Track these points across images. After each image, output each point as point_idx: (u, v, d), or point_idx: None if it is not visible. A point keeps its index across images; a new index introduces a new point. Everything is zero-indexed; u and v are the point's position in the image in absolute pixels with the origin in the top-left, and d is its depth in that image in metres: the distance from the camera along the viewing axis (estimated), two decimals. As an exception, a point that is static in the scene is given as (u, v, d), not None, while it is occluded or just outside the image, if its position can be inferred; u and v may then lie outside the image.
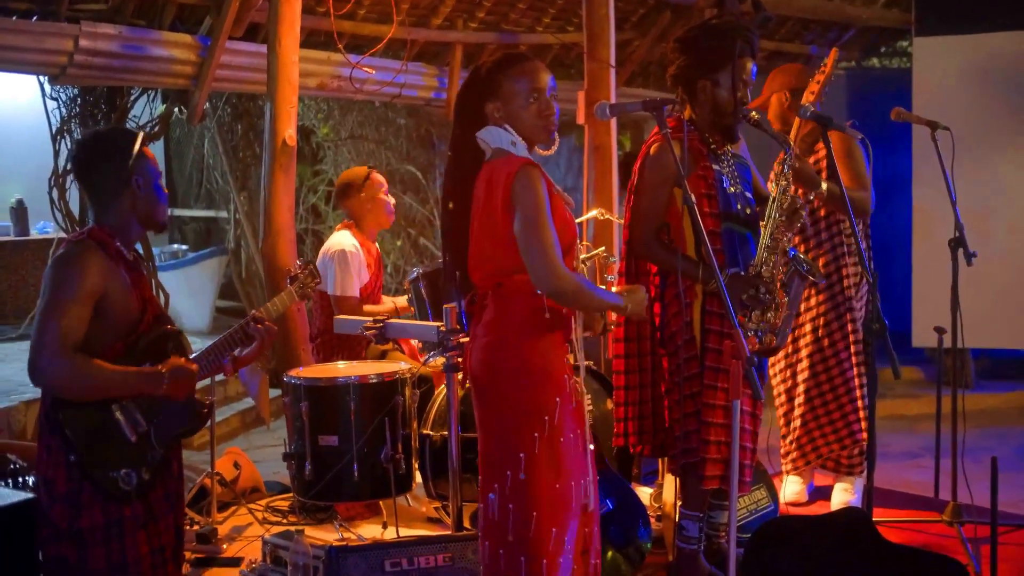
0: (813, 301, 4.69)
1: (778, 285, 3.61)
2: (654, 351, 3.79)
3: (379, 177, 5.12)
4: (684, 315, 3.65)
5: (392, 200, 5.16)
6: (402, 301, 5.11)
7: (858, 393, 4.64)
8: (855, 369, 4.64)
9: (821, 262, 4.64)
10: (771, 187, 3.79)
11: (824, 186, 4.33)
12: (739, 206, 3.69)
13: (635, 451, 3.93)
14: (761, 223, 3.72)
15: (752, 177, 3.86)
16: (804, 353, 4.73)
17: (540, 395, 2.88)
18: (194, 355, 3.23)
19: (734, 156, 3.78)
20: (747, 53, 3.67)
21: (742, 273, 3.61)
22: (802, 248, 4.67)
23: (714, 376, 3.62)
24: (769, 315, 3.61)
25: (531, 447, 2.86)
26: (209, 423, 4.76)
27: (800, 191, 4.52)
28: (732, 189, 3.69)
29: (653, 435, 3.84)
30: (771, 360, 4.81)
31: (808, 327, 4.71)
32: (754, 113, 3.63)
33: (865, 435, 4.59)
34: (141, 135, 3.12)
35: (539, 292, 2.86)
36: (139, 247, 6.69)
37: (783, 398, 4.84)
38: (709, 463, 3.63)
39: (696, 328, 3.64)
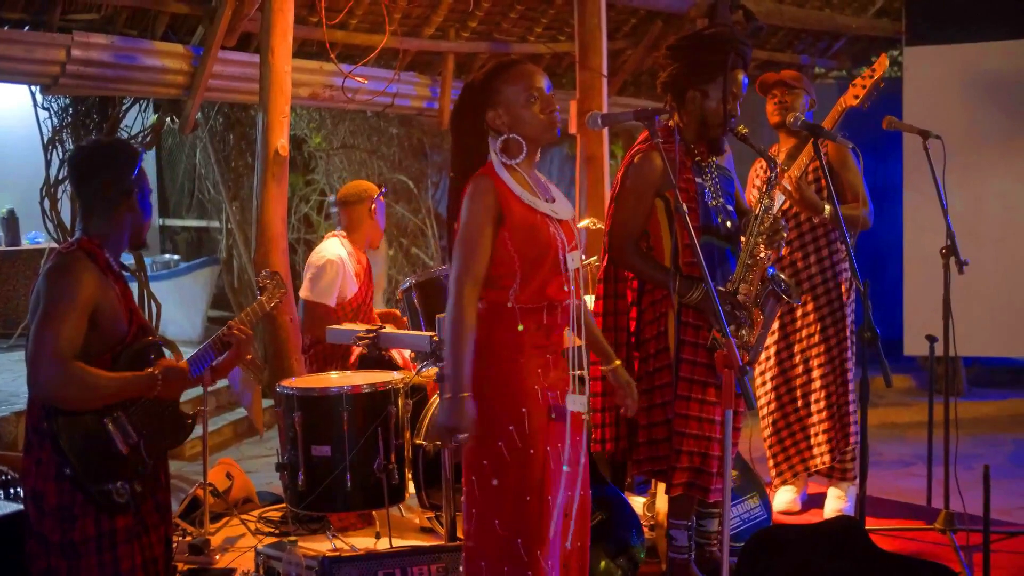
0: (810, 307, 4.70)
1: (754, 302, 3.61)
2: (629, 357, 3.79)
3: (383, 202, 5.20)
4: (659, 324, 3.65)
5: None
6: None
7: (851, 398, 4.66)
8: (850, 374, 4.66)
9: (815, 269, 4.66)
10: (753, 203, 3.80)
11: (827, 210, 4.36)
12: (719, 219, 3.69)
13: (615, 458, 3.92)
14: (742, 238, 3.72)
15: (735, 190, 3.86)
16: (799, 359, 4.74)
17: (505, 405, 2.87)
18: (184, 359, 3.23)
19: (718, 168, 3.77)
20: (739, 65, 3.65)
21: (719, 288, 3.61)
22: (799, 255, 4.68)
23: (688, 387, 3.62)
24: (743, 332, 3.61)
25: (494, 456, 2.86)
26: (201, 433, 4.75)
27: (800, 213, 4.55)
28: (713, 203, 3.68)
29: (628, 440, 3.84)
30: (764, 367, 4.82)
31: (804, 332, 4.73)
32: (742, 127, 3.63)
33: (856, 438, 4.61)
34: (141, 152, 3.15)
35: (510, 305, 2.87)
36: (131, 258, 6.72)
37: (773, 406, 4.84)
38: (677, 472, 3.63)
39: (671, 338, 3.64)
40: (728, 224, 3.71)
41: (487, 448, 2.87)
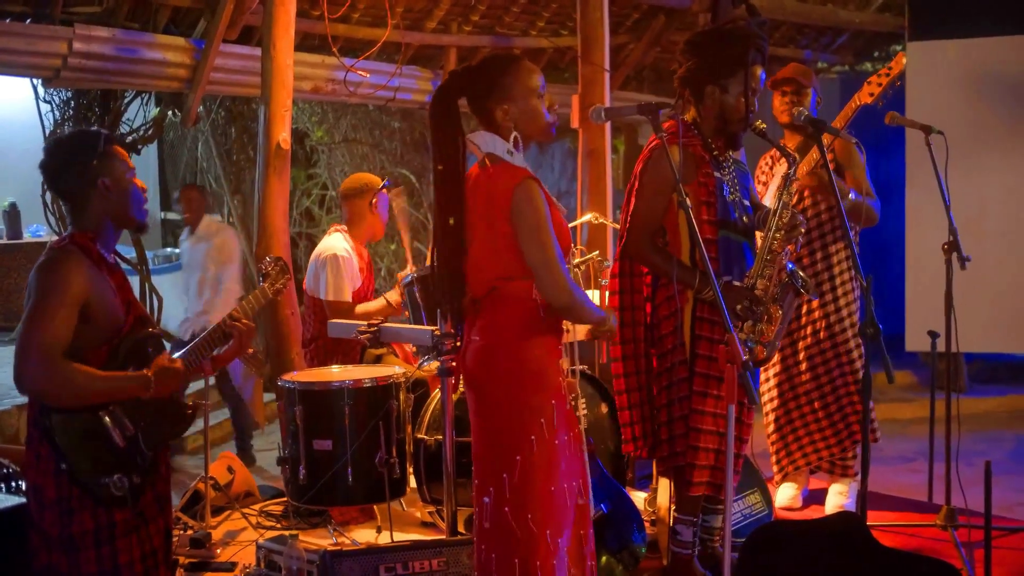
0: (815, 304, 4.69)
1: (771, 298, 3.61)
2: (647, 352, 3.78)
3: (388, 196, 5.14)
4: (675, 319, 3.64)
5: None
6: (393, 295, 5.09)
7: (854, 389, 4.66)
8: (856, 373, 4.66)
9: (820, 266, 4.66)
10: (771, 199, 3.80)
11: (852, 196, 4.36)
12: (737, 214, 3.68)
13: (643, 456, 3.90)
14: (759, 233, 3.72)
15: (750, 184, 3.86)
16: (803, 355, 4.74)
17: (536, 398, 2.91)
18: (175, 356, 3.21)
19: (735, 163, 3.77)
20: (758, 60, 3.65)
21: (736, 283, 3.61)
22: (804, 251, 4.67)
23: (704, 383, 3.62)
24: (760, 327, 3.61)
25: (527, 450, 2.89)
26: (203, 427, 4.75)
27: (808, 209, 4.55)
28: (731, 197, 3.68)
29: (651, 436, 3.83)
30: (766, 364, 4.82)
31: (809, 330, 4.72)
32: (760, 122, 3.63)
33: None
34: (104, 135, 3.07)
35: (534, 298, 2.91)
36: (132, 251, 6.72)
37: (776, 402, 4.84)
38: (697, 469, 3.63)
39: (686, 333, 3.64)
40: (745, 219, 3.71)
41: (520, 443, 2.90)
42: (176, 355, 3.19)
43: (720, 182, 3.65)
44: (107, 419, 2.96)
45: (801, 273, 3.70)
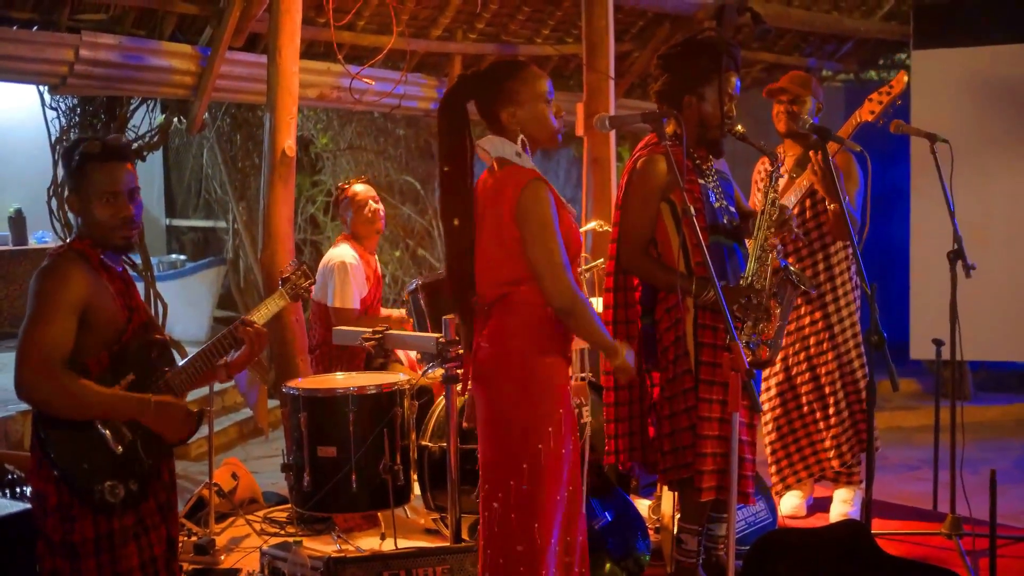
0: (818, 315, 4.69)
1: (769, 294, 3.62)
2: (641, 367, 3.78)
3: (355, 189, 5.08)
4: (676, 330, 3.64)
5: (375, 207, 5.07)
6: (398, 313, 5.10)
7: (854, 399, 4.66)
8: (857, 383, 4.66)
9: (823, 276, 4.65)
10: (757, 198, 3.81)
11: (842, 200, 4.36)
12: (725, 219, 3.70)
13: (624, 468, 3.92)
14: (749, 241, 3.73)
15: (734, 192, 3.88)
16: (806, 366, 4.73)
17: (544, 407, 2.92)
18: (182, 362, 3.20)
19: (716, 172, 3.79)
20: (731, 67, 3.69)
21: (731, 285, 3.62)
22: (808, 262, 4.67)
23: (708, 389, 3.62)
24: (761, 326, 3.61)
25: (535, 458, 2.90)
26: (207, 433, 4.75)
27: (809, 220, 4.54)
28: (718, 203, 3.70)
29: (642, 451, 3.83)
30: (768, 373, 4.81)
31: (813, 341, 4.71)
32: (739, 127, 3.66)
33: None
34: (82, 152, 2.97)
35: (544, 304, 2.92)
36: (138, 257, 6.73)
37: (778, 411, 4.82)
38: (706, 475, 3.63)
39: (690, 342, 3.64)
40: (733, 223, 3.73)
41: (528, 451, 2.91)
42: (181, 364, 3.18)
43: (705, 188, 3.67)
44: (102, 427, 2.94)
45: (793, 268, 3.72)
